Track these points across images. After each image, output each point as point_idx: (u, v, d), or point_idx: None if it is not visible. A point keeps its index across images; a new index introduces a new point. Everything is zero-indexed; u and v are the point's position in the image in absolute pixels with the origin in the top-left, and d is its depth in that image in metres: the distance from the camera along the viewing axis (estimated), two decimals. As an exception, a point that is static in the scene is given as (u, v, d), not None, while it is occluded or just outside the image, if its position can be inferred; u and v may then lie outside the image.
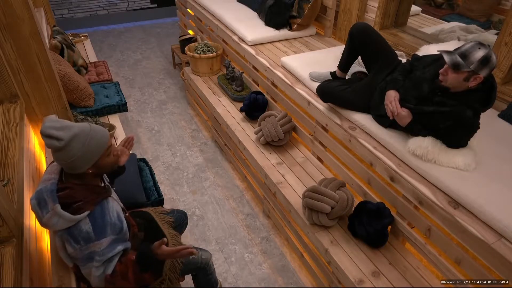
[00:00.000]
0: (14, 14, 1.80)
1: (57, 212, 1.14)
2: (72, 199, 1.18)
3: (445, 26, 3.23)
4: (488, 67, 1.49)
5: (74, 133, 1.15)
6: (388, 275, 1.73)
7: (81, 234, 1.17)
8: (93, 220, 1.19)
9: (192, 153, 3.20)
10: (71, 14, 5.44)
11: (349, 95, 2.06)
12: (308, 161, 2.43)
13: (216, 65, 3.45)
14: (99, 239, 1.18)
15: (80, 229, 1.17)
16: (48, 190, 1.17)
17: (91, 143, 1.18)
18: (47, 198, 1.16)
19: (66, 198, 1.17)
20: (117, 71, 4.50)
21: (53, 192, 1.16)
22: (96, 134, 1.20)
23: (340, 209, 1.86)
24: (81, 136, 1.16)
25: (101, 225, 1.20)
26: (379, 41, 2.01)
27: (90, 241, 1.17)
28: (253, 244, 2.40)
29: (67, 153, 1.14)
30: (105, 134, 1.24)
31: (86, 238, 1.17)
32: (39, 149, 2.11)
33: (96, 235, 1.18)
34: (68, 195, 1.18)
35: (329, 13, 3.16)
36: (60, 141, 1.12)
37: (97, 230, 1.18)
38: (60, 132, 1.12)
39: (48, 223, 1.16)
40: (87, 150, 1.17)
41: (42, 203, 1.16)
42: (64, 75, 2.42)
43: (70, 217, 1.15)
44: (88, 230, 1.17)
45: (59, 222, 1.15)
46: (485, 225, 1.47)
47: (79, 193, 1.19)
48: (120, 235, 1.27)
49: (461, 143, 1.69)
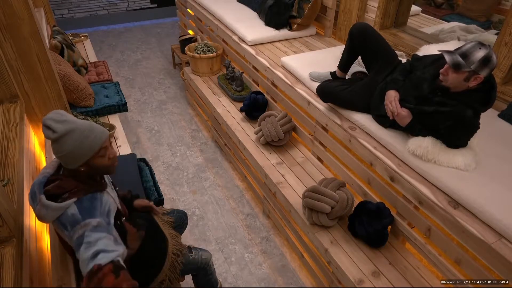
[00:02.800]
0: (14, 14, 1.80)
1: (43, 203, 1.15)
2: (61, 190, 1.18)
3: (445, 26, 3.23)
4: (488, 67, 1.49)
5: (70, 128, 1.17)
6: (388, 275, 1.73)
7: (68, 219, 1.14)
8: (80, 204, 1.17)
9: (192, 153, 3.20)
10: (71, 14, 5.44)
11: (349, 95, 2.06)
12: (308, 161, 2.43)
13: (216, 65, 3.45)
14: (85, 219, 1.13)
15: (67, 214, 1.15)
16: (38, 183, 1.19)
17: (84, 141, 1.19)
18: (36, 190, 1.18)
19: (55, 189, 1.18)
20: (117, 71, 4.50)
21: (41, 184, 1.19)
22: (91, 134, 1.20)
23: (340, 209, 1.86)
24: (76, 133, 1.18)
25: (89, 207, 1.17)
26: (379, 41, 2.01)
27: (76, 223, 1.13)
28: (253, 244, 2.40)
29: (60, 146, 1.17)
30: (102, 135, 1.24)
31: (72, 221, 1.13)
32: (39, 149, 2.11)
33: (82, 215, 1.14)
34: (57, 186, 1.19)
35: (329, 13, 3.16)
36: (54, 133, 1.15)
37: (83, 212, 1.15)
38: (57, 125, 1.15)
39: (40, 214, 1.17)
40: (79, 147, 1.18)
41: (33, 196, 1.19)
42: (64, 75, 2.42)
43: (56, 205, 1.14)
44: (73, 212, 1.14)
45: (48, 213, 1.15)
46: (485, 225, 1.47)
47: (68, 184, 1.20)
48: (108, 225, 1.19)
49: (461, 143, 1.69)
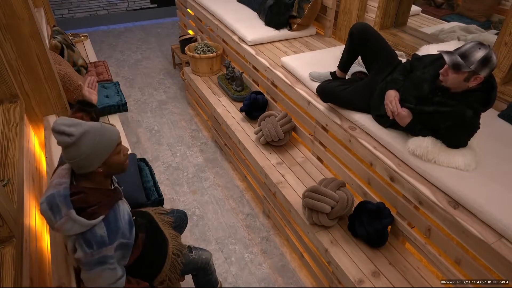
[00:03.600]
0: (14, 14, 1.80)
1: (72, 218, 1.13)
2: (87, 204, 1.17)
3: (445, 26, 3.23)
4: (488, 67, 1.49)
5: (85, 129, 1.15)
6: (388, 275, 1.73)
7: (96, 239, 1.16)
8: (107, 224, 1.19)
9: (192, 153, 3.20)
10: (71, 14, 5.44)
11: (349, 95, 2.06)
12: (308, 161, 2.43)
13: (216, 65, 3.45)
14: (112, 243, 1.19)
15: (95, 233, 1.16)
16: (62, 195, 1.15)
17: (102, 139, 1.18)
18: (60, 203, 1.14)
19: (80, 202, 1.16)
20: (117, 71, 4.50)
21: (66, 198, 1.15)
22: (106, 131, 1.21)
23: (340, 209, 1.86)
24: (91, 133, 1.16)
25: (115, 229, 1.21)
26: (379, 41, 2.01)
27: (104, 245, 1.17)
28: (253, 244, 2.40)
29: (78, 149, 1.14)
30: (115, 131, 1.26)
31: (100, 243, 1.17)
32: (39, 149, 2.11)
33: (110, 239, 1.19)
34: (82, 199, 1.17)
35: (329, 13, 3.16)
36: (71, 137, 1.13)
37: (111, 235, 1.19)
38: (71, 128, 1.13)
39: (62, 228, 1.14)
40: (98, 147, 1.17)
41: (55, 208, 1.14)
42: (64, 75, 2.42)
43: (86, 222, 1.14)
44: (102, 234, 1.17)
45: (74, 227, 1.14)
46: (485, 225, 1.47)
47: (92, 198, 1.19)
48: (130, 238, 1.29)
49: (461, 143, 1.69)
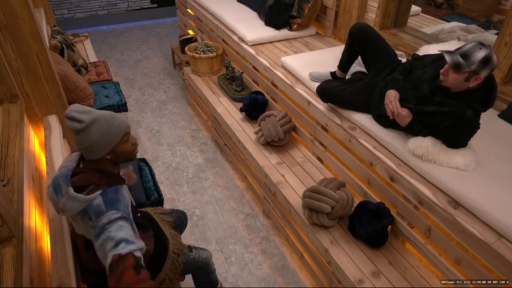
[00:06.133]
0: (14, 14, 1.80)
1: (71, 195, 1.17)
2: (86, 182, 1.21)
3: (445, 26, 3.24)
4: (488, 68, 1.49)
5: (95, 117, 1.21)
6: (388, 275, 1.73)
7: (93, 209, 1.18)
8: (105, 196, 1.21)
9: (192, 153, 3.20)
10: (71, 14, 5.44)
11: (349, 95, 2.06)
12: (308, 161, 2.43)
13: (216, 65, 3.45)
14: (109, 210, 1.18)
15: (92, 205, 1.18)
16: (63, 175, 1.21)
17: (110, 128, 1.24)
18: (62, 183, 1.20)
19: (80, 181, 1.21)
20: (117, 71, 4.50)
21: (67, 177, 1.21)
22: (115, 120, 1.26)
23: (340, 209, 1.86)
24: (101, 121, 1.22)
25: (113, 198, 1.21)
26: (379, 41, 2.01)
27: (100, 214, 1.18)
28: (253, 244, 2.40)
29: (87, 136, 1.20)
30: (124, 121, 1.30)
31: (97, 212, 1.18)
32: (39, 149, 2.11)
33: (106, 206, 1.19)
34: (82, 178, 1.22)
35: (329, 13, 3.16)
36: (81, 123, 1.19)
37: (108, 203, 1.19)
38: (81, 115, 1.19)
39: (64, 207, 1.19)
40: (106, 134, 1.23)
41: (57, 188, 1.21)
42: (64, 75, 2.42)
43: (84, 197, 1.17)
44: (99, 203, 1.18)
45: (74, 205, 1.18)
46: (485, 225, 1.47)
47: (93, 176, 1.23)
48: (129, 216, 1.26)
49: (461, 143, 1.69)
